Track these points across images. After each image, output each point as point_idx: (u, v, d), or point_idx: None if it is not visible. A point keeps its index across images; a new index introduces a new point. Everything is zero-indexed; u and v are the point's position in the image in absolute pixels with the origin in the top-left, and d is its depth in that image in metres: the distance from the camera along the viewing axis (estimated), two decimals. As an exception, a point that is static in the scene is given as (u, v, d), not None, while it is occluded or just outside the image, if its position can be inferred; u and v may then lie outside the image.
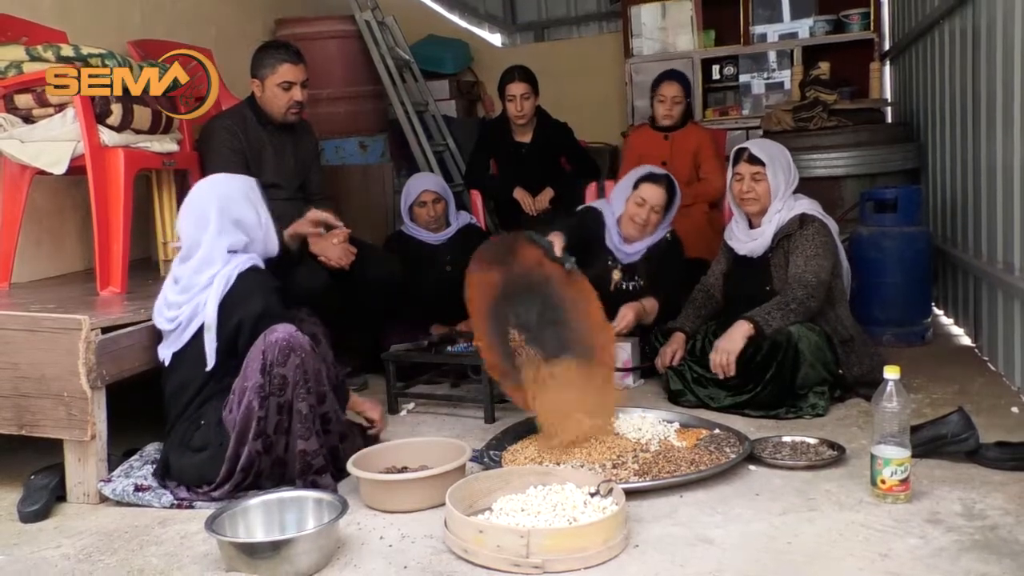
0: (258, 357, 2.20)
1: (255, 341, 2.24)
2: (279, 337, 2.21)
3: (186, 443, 2.30)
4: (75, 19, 3.31)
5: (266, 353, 2.20)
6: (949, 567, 1.75)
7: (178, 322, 2.33)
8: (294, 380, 2.20)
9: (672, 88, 4.20)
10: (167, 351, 2.37)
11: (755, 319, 2.80)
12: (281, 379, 2.19)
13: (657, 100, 4.24)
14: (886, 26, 5.73)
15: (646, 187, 3.31)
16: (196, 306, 2.31)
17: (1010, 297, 3.01)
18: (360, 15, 4.92)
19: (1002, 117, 3.05)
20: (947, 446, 2.30)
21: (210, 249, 2.35)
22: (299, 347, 2.22)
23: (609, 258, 3.40)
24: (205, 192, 2.45)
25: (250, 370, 2.21)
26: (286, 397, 2.20)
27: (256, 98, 3.31)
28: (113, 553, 2.02)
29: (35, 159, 2.73)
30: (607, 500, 1.97)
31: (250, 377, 2.20)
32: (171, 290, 2.39)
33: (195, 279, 2.33)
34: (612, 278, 3.37)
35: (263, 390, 2.18)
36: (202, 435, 2.29)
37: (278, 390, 2.19)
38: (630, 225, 3.34)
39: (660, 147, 4.24)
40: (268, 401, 2.19)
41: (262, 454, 2.21)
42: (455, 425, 2.90)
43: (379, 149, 5.00)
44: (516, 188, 4.26)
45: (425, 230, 3.84)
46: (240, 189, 2.48)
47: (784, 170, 2.98)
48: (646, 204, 3.29)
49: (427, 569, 1.86)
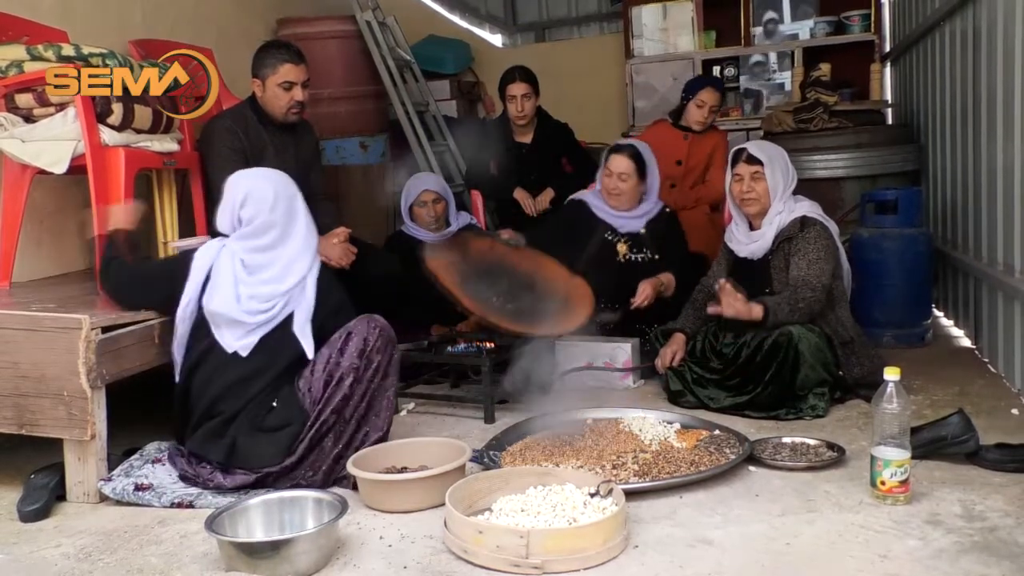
0: (359, 340, 2.30)
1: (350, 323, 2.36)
2: (383, 326, 2.36)
3: (258, 425, 2.31)
4: (76, 18, 3.30)
5: (368, 339, 2.31)
6: (949, 569, 1.75)
7: (271, 313, 2.36)
8: (385, 369, 2.35)
9: (714, 96, 4.22)
10: (241, 341, 2.35)
11: (767, 304, 2.81)
12: (376, 364, 2.31)
13: (695, 104, 4.22)
14: (887, 27, 5.72)
15: (612, 157, 3.55)
16: (290, 298, 2.37)
17: (1010, 299, 3.01)
18: (361, 15, 4.92)
19: (1003, 119, 3.05)
20: (947, 448, 2.30)
21: (303, 241, 2.44)
22: (395, 340, 2.39)
23: (608, 231, 3.56)
24: (286, 183, 2.51)
25: (349, 349, 2.31)
26: (375, 383, 2.32)
27: (257, 98, 3.31)
28: (113, 552, 2.02)
29: (36, 158, 2.73)
30: (607, 501, 1.97)
31: (347, 357, 2.30)
32: (254, 280, 2.37)
33: (291, 269, 2.39)
34: (618, 250, 3.51)
35: (357, 371, 2.30)
36: (277, 415, 2.32)
37: (372, 375, 2.31)
38: (609, 197, 3.55)
39: (678, 146, 4.25)
40: (358, 386, 2.29)
41: (331, 428, 2.29)
42: (455, 425, 2.90)
43: (379, 149, 5.00)
44: (516, 188, 4.26)
45: (425, 230, 3.84)
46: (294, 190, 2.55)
47: (782, 170, 2.98)
48: (613, 173, 3.51)
49: (427, 569, 1.86)
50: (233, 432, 2.32)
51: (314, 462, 2.29)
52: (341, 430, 2.32)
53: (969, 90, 3.51)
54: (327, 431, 2.29)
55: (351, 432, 2.33)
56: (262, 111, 3.30)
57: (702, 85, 4.28)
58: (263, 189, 2.43)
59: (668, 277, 3.37)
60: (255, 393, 2.34)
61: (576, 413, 2.78)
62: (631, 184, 3.50)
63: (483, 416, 2.92)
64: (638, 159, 3.52)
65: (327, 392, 2.29)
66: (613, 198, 3.53)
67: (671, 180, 4.25)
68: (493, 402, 2.92)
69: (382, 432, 2.40)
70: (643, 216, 3.53)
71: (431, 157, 5.07)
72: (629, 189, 3.50)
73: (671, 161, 4.23)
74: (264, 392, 2.34)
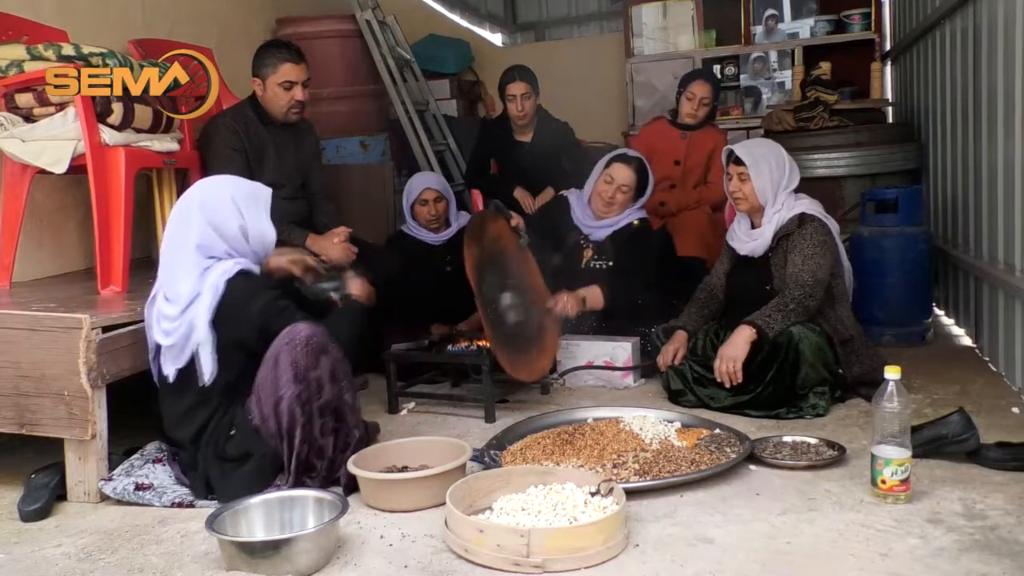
0: (288, 365, 2.13)
1: (275, 339, 2.17)
2: (305, 338, 2.15)
3: (221, 455, 2.24)
4: (76, 18, 3.31)
5: (297, 360, 2.13)
6: (949, 567, 1.75)
7: (174, 339, 2.22)
8: (330, 377, 2.18)
9: (704, 89, 4.19)
10: (171, 367, 2.25)
11: (756, 323, 2.80)
12: (317, 382, 2.16)
13: (686, 97, 4.21)
14: (887, 26, 5.73)
15: (616, 166, 3.49)
16: (192, 321, 2.21)
17: (1011, 298, 3.01)
18: (361, 14, 4.92)
19: (1003, 117, 3.04)
20: (948, 446, 2.30)
21: (185, 256, 2.25)
22: (327, 345, 2.18)
23: (580, 237, 3.58)
24: (188, 195, 2.36)
25: (283, 380, 2.14)
26: (325, 398, 2.18)
27: (257, 97, 3.31)
28: (113, 552, 2.02)
29: (36, 158, 2.73)
30: (607, 500, 1.97)
31: (284, 387, 2.14)
32: (162, 302, 2.27)
33: (178, 289, 2.24)
34: (584, 255, 3.54)
35: (301, 397, 2.14)
36: (237, 444, 2.23)
37: (316, 393, 2.16)
38: (598, 201, 3.51)
39: (676, 144, 4.23)
40: (309, 406, 2.16)
41: (311, 456, 2.20)
42: (455, 425, 2.90)
43: (380, 148, 5.00)
44: (516, 188, 4.26)
45: (426, 229, 3.85)
46: (224, 193, 2.34)
47: (771, 169, 2.96)
48: (614, 182, 3.47)
49: (427, 568, 1.86)
50: (202, 462, 2.27)
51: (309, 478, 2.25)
52: (323, 446, 2.23)
53: (969, 89, 3.51)
54: (310, 456, 2.21)
55: (333, 442, 2.24)
56: (262, 110, 3.31)
57: (693, 78, 4.26)
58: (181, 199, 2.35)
59: (594, 294, 3.33)
60: (204, 421, 2.27)
61: (577, 412, 2.79)
62: (628, 197, 3.49)
63: (483, 415, 2.92)
64: (642, 174, 3.51)
65: (285, 428, 2.16)
66: (602, 203, 3.50)
67: (671, 180, 4.24)
68: (493, 402, 2.92)
69: (360, 430, 2.34)
70: (609, 227, 3.52)
71: (431, 156, 5.07)
72: (625, 201, 3.49)
73: (669, 161, 4.22)
74: (215, 418, 2.26)
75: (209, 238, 2.29)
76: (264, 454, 2.20)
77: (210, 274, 2.25)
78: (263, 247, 2.40)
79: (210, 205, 2.30)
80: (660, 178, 4.26)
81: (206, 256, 2.28)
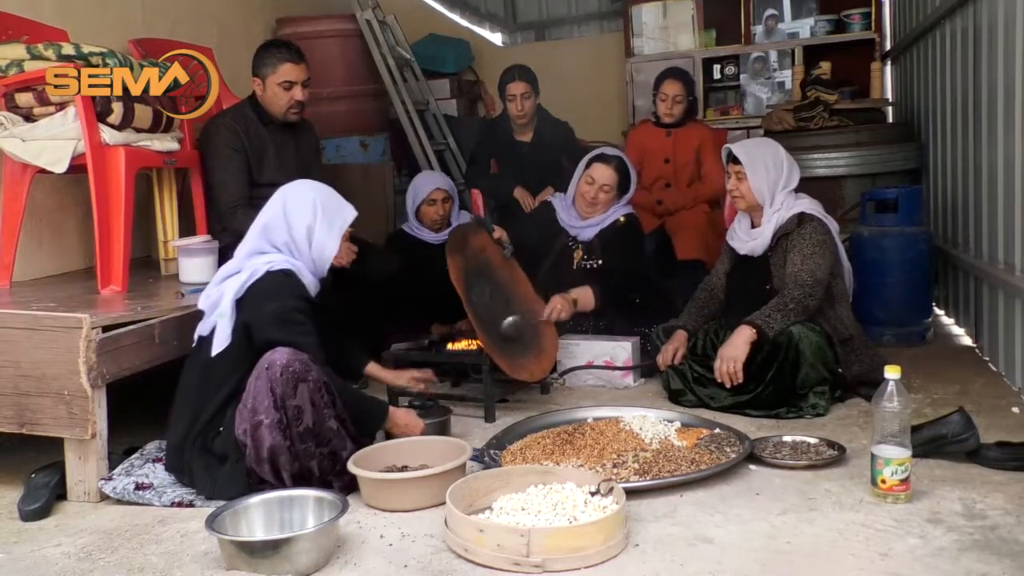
0: (266, 392, 2.12)
1: (262, 357, 2.16)
2: (281, 367, 2.12)
3: (208, 447, 2.26)
4: (76, 18, 3.31)
5: (274, 388, 2.12)
6: (949, 567, 1.75)
7: (206, 304, 2.35)
8: (310, 403, 2.15)
9: (673, 87, 4.21)
10: (198, 332, 2.37)
11: (756, 323, 2.80)
12: (296, 410, 2.13)
13: (659, 98, 4.25)
14: (887, 26, 5.73)
15: (596, 167, 3.51)
16: (223, 292, 2.31)
17: (1011, 297, 3.01)
18: (361, 14, 4.92)
19: (1003, 117, 3.04)
20: (948, 446, 2.30)
21: (252, 233, 2.41)
22: (305, 373, 2.14)
23: (569, 239, 3.59)
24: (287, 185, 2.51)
25: (262, 405, 2.12)
26: (306, 424, 2.15)
27: (257, 97, 3.31)
28: (113, 551, 2.02)
29: (36, 158, 2.74)
30: (607, 499, 1.97)
31: (262, 412, 2.12)
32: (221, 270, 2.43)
33: (230, 266, 2.38)
34: (574, 257, 3.55)
35: (282, 423, 2.13)
36: (222, 442, 2.24)
37: (296, 420, 2.14)
38: (582, 202, 3.54)
39: (662, 144, 4.26)
40: (290, 431, 2.14)
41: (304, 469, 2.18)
42: (455, 424, 2.89)
43: (380, 148, 5.00)
44: (516, 187, 4.26)
45: (428, 230, 3.85)
46: (311, 192, 2.47)
47: (768, 168, 2.96)
48: (595, 182, 3.49)
49: (427, 568, 1.86)
50: (188, 451, 2.27)
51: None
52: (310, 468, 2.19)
53: (970, 88, 3.51)
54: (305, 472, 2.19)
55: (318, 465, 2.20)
56: (262, 110, 3.31)
57: (663, 78, 4.28)
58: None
59: (585, 295, 3.31)
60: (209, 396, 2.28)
61: (577, 412, 2.79)
62: (611, 196, 3.51)
63: (483, 415, 2.92)
64: (623, 172, 3.52)
65: (266, 454, 2.13)
66: (585, 203, 3.51)
67: (664, 180, 4.27)
68: (493, 401, 2.92)
69: (352, 445, 2.29)
70: (596, 226, 3.53)
71: (431, 156, 5.07)
72: (608, 201, 3.51)
73: (659, 160, 4.24)
74: (214, 403, 2.27)
75: (276, 222, 2.41)
76: (238, 460, 2.20)
77: (258, 259, 2.36)
78: (321, 259, 2.47)
79: (294, 196, 2.45)
80: (654, 177, 4.28)
81: (267, 239, 2.40)
